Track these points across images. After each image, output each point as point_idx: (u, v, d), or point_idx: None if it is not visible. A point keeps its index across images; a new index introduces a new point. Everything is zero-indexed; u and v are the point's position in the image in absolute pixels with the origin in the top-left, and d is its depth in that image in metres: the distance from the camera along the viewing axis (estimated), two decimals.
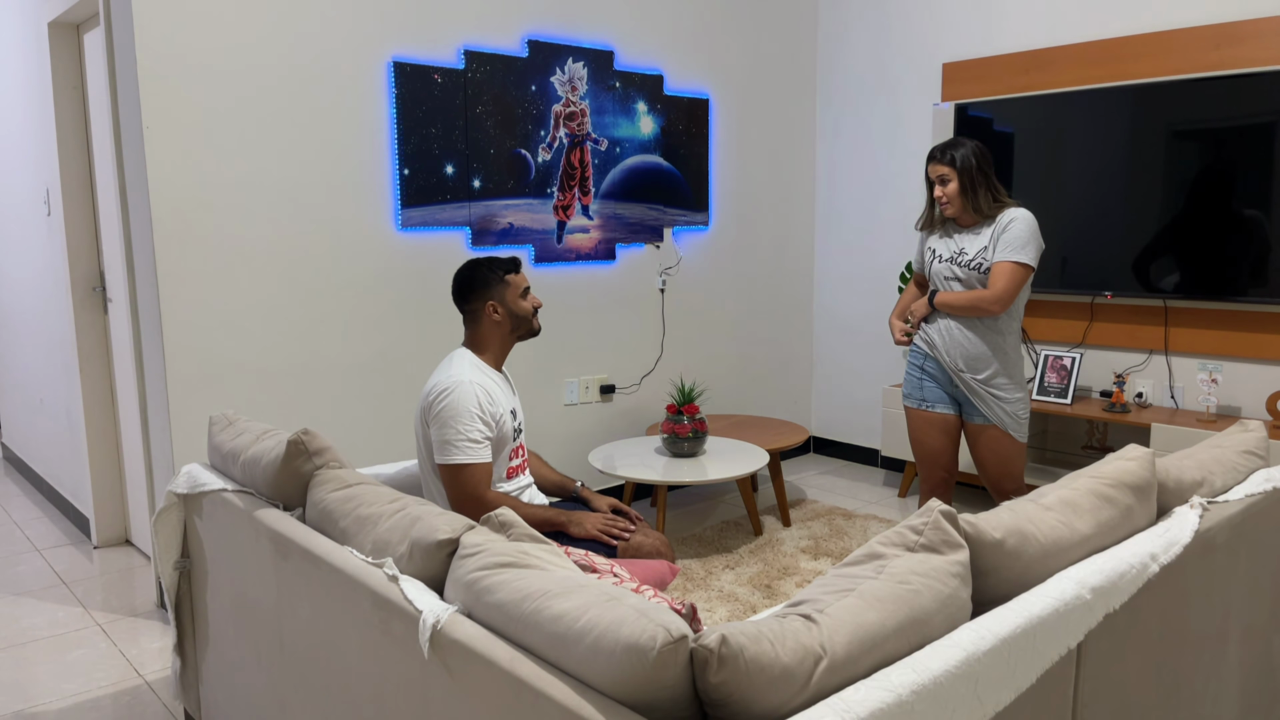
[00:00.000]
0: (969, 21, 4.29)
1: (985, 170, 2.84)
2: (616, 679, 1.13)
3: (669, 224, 4.28)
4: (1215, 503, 1.83)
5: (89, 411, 3.75)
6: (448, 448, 2.30)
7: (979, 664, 1.23)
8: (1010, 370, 2.90)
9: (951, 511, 1.42)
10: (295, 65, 3.12)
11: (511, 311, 2.45)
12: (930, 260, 2.98)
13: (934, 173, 2.88)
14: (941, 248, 2.95)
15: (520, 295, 2.47)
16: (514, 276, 2.46)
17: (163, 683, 2.69)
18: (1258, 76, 3.35)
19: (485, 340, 2.47)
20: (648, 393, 4.33)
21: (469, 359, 2.42)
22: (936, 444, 2.99)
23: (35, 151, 4.01)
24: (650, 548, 2.43)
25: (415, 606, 1.42)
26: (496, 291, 2.44)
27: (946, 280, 2.92)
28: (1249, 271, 3.44)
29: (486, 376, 2.41)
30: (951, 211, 2.88)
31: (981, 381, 2.88)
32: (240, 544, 2.01)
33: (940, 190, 2.87)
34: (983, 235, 2.86)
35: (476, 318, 2.46)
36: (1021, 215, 2.81)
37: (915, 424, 3.02)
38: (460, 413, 2.29)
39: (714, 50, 4.39)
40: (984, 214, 2.86)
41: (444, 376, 2.35)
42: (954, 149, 2.84)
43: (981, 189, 2.84)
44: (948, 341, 2.91)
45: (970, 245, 2.87)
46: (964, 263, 2.87)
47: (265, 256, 3.13)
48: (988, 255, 2.83)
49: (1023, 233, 2.78)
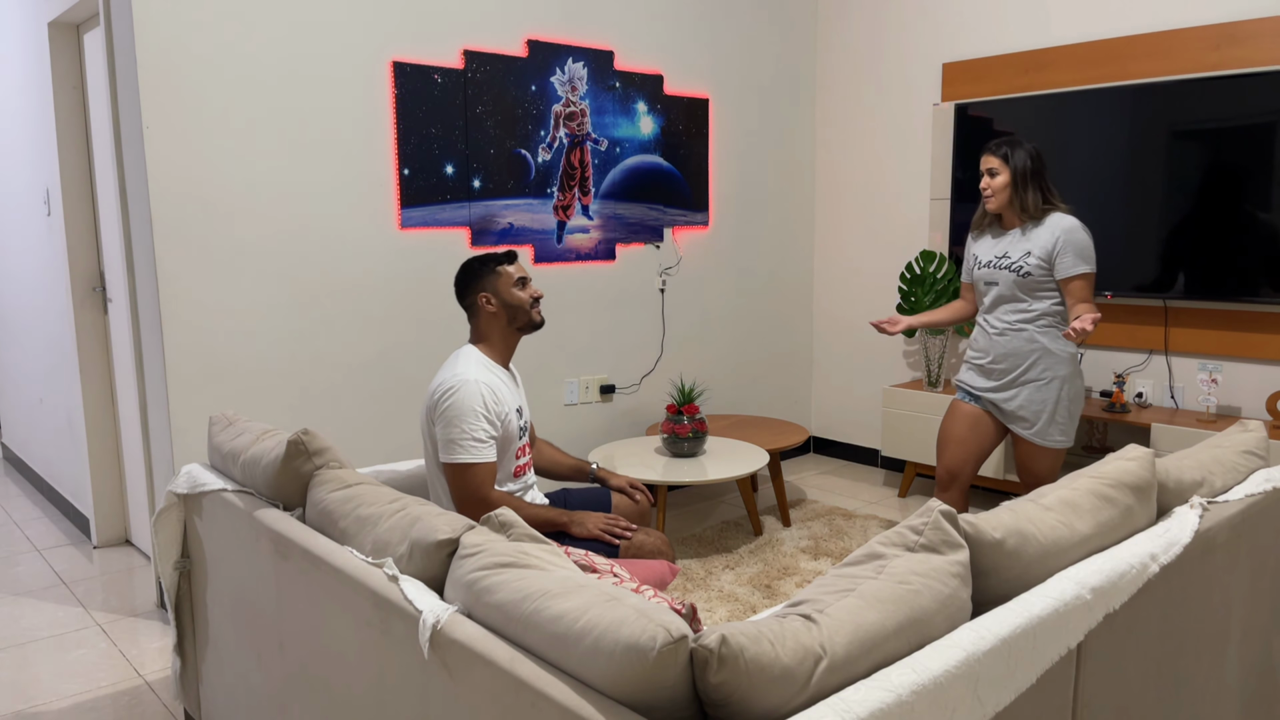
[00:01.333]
0: (969, 21, 4.29)
1: (1040, 173, 2.85)
2: (616, 679, 1.12)
3: (669, 224, 4.28)
4: (1215, 503, 1.83)
5: (89, 411, 3.75)
6: (452, 446, 2.30)
7: (979, 664, 1.23)
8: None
9: (951, 511, 1.42)
10: (295, 65, 3.12)
11: (505, 301, 2.44)
12: (972, 266, 3.01)
13: (985, 164, 2.89)
14: (983, 252, 2.97)
15: (514, 285, 2.45)
16: (506, 267, 2.46)
17: (163, 683, 2.69)
18: (1258, 76, 3.35)
19: (486, 333, 2.47)
20: (648, 393, 4.33)
21: (475, 356, 2.42)
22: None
23: (35, 151, 4.01)
24: (650, 548, 2.43)
25: (415, 606, 1.42)
26: (489, 282, 2.44)
27: (987, 285, 2.94)
28: (1249, 271, 3.44)
29: (492, 374, 2.40)
30: (994, 205, 2.89)
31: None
32: (240, 544, 2.00)
33: (987, 181, 2.88)
34: (1029, 239, 2.85)
35: (475, 311, 2.46)
36: (1078, 225, 2.81)
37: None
38: (465, 412, 2.29)
39: (714, 50, 4.39)
40: (1030, 215, 2.86)
41: (450, 374, 2.35)
42: (1010, 146, 2.85)
43: (1032, 189, 2.85)
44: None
45: (1014, 249, 2.88)
46: (1005, 265, 2.88)
47: (265, 256, 3.13)
48: (1030, 259, 2.83)
49: (1087, 244, 2.79)
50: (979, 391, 3.00)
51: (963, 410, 3.04)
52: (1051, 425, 2.88)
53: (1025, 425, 2.90)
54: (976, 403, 3.02)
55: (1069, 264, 2.79)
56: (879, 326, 3.10)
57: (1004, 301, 2.91)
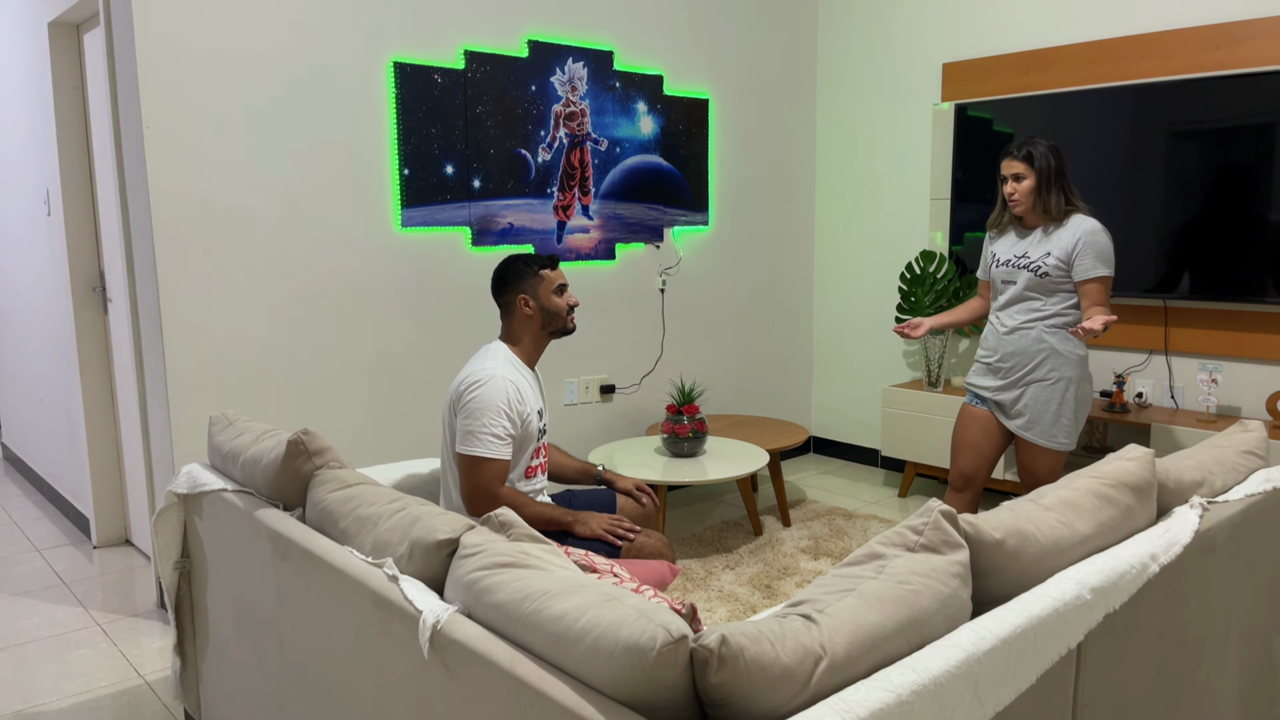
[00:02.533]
0: (969, 21, 4.29)
1: (1062, 172, 2.84)
2: (616, 679, 1.12)
3: (669, 224, 4.28)
4: (1215, 503, 1.83)
5: (89, 411, 3.75)
6: (470, 438, 2.32)
7: (979, 664, 1.23)
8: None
9: (951, 511, 1.42)
10: (296, 65, 3.12)
11: (543, 306, 2.47)
12: (991, 263, 3.00)
13: (1008, 169, 2.87)
14: (1003, 251, 2.96)
15: (554, 291, 2.48)
16: (549, 272, 2.48)
17: (163, 683, 2.69)
18: (1258, 76, 3.35)
19: (518, 334, 2.49)
20: (648, 393, 4.33)
21: (504, 353, 2.45)
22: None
23: (35, 151, 4.01)
24: (651, 548, 2.43)
25: (415, 606, 1.42)
26: (529, 285, 2.46)
27: (1004, 284, 2.94)
28: (1250, 271, 3.44)
29: (519, 374, 2.43)
30: (1021, 209, 2.88)
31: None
32: (240, 544, 2.00)
33: (1013, 186, 2.86)
34: (1050, 239, 2.85)
35: (510, 311, 2.49)
36: (1100, 228, 2.80)
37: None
38: (488, 406, 2.31)
39: (714, 50, 4.39)
40: (1052, 216, 2.85)
41: (478, 368, 2.37)
42: (1031, 146, 2.83)
43: (1055, 191, 2.83)
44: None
45: (1034, 249, 2.88)
46: (1024, 265, 2.88)
47: (265, 256, 3.13)
48: (1049, 260, 2.83)
49: (1107, 247, 2.79)
50: (986, 393, 3.00)
51: (973, 414, 3.05)
52: (1055, 426, 2.87)
53: (1028, 424, 2.90)
54: (984, 405, 3.02)
55: (1088, 266, 2.78)
56: (902, 332, 3.09)
57: (1018, 300, 2.91)
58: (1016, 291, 2.91)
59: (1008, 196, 2.87)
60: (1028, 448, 2.93)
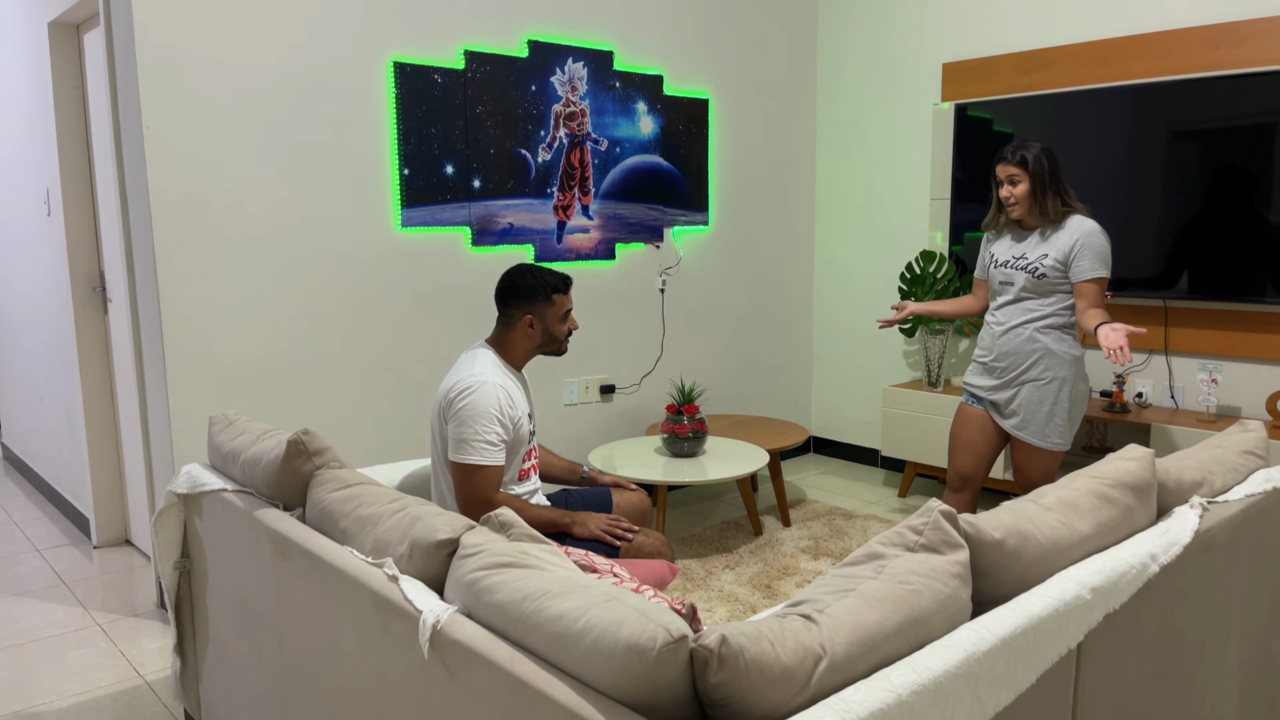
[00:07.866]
0: (969, 21, 4.29)
1: (1056, 174, 2.85)
2: (617, 679, 1.12)
3: (669, 224, 4.28)
4: (1215, 503, 1.83)
5: (89, 411, 3.75)
6: (463, 446, 2.30)
7: (979, 664, 1.23)
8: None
9: (951, 511, 1.42)
10: (295, 65, 3.12)
11: (547, 330, 2.46)
12: (989, 264, 3.02)
13: (1003, 173, 2.88)
14: (1001, 252, 2.98)
15: (560, 318, 2.47)
16: (561, 296, 2.46)
17: (163, 683, 2.69)
18: (1258, 76, 3.35)
19: (512, 346, 2.48)
20: (648, 393, 4.33)
21: (491, 359, 2.43)
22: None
23: (35, 151, 4.01)
24: (650, 547, 2.43)
25: (415, 606, 1.42)
26: (539, 308, 2.44)
27: (1002, 285, 2.95)
28: (1250, 271, 3.44)
29: (508, 379, 2.42)
30: (1019, 213, 2.89)
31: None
32: (240, 544, 2.00)
33: (1009, 190, 2.87)
34: (1048, 241, 2.85)
35: (511, 323, 2.46)
36: (1098, 229, 2.81)
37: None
38: (480, 413, 2.30)
39: (714, 50, 4.39)
40: (1050, 219, 2.86)
41: (467, 374, 2.35)
42: (1025, 150, 2.83)
43: (1051, 193, 2.84)
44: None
45: (1031, 251, 2.89)
46: (1022, 266, 2.89)
47: (265, 256, 3.13)
48: (1046, 261, 2.84)
49: (1105, 248, 2.79)
50: (982, 393, 3.01)
51: (970, 414, 3.06)
52: (1049, 426, 2.88)
53: (1021, 424, 2.91)
54: (980, 405, 3.03)
55: (1086, 267, 2.79)
56: (888, 322, 3.18)
57: (1015, 301, 2.92)
58: (1014, 292, 2.92)
59: (1005, 200, 2.89)
60: (1022, 448, 2.94)
